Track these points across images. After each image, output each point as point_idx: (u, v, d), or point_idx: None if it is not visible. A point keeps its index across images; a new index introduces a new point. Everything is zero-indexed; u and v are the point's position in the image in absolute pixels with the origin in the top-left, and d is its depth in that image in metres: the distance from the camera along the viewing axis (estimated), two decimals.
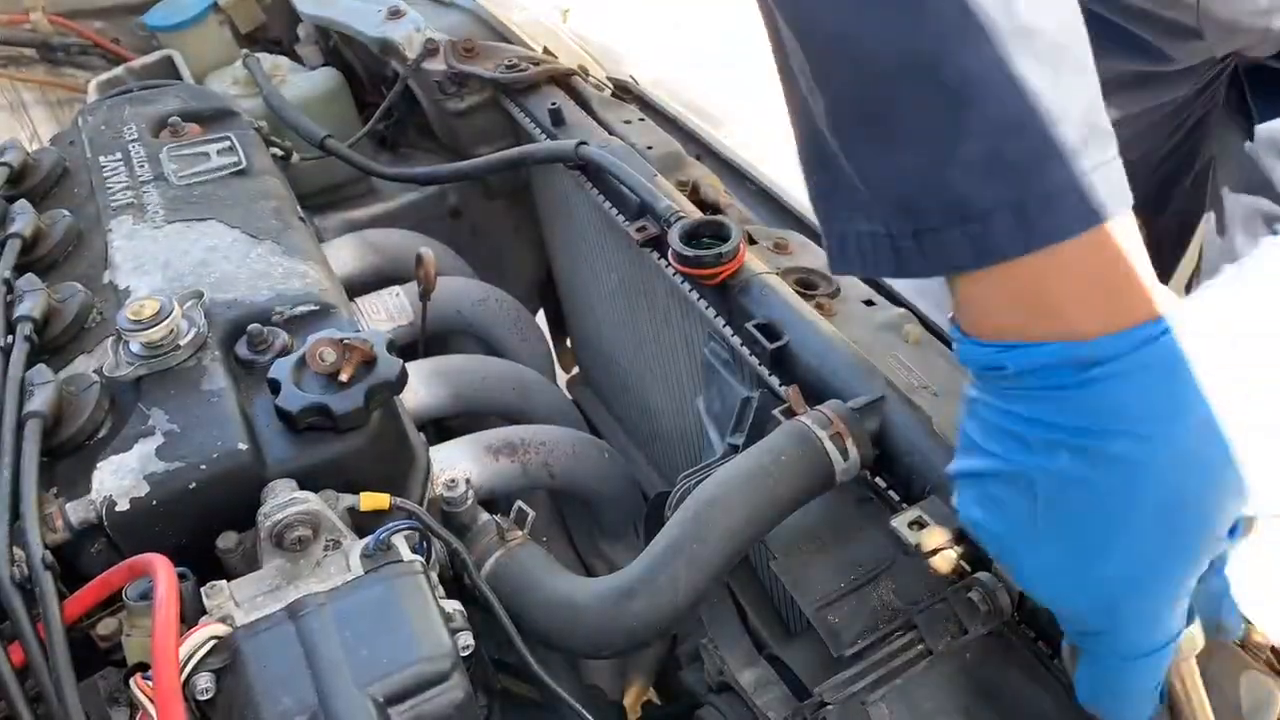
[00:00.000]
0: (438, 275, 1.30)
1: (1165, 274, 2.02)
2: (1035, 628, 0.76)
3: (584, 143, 1.26)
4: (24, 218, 1.10)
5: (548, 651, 0.90)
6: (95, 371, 0.94)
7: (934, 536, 0.79)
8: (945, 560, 0.80)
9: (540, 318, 1.88)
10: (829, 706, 0.77)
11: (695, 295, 1.11)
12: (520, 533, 0.93)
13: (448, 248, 1.56)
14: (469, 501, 0.95)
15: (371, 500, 0.86)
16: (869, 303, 1.06)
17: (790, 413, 0.91)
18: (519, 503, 0.95)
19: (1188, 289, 1.80)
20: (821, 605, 0.83)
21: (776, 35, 0.67)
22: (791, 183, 1.35)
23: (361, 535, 0.82)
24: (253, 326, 0.98)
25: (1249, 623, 0.77)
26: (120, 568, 0.77)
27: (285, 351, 0.96)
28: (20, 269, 1.06)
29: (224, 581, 0.78)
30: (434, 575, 0.83)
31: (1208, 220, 1.56)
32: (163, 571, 0.73)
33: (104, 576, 0.77)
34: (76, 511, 0.83)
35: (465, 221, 1.72)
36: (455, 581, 0.90)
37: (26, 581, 0.76)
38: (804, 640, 0.95)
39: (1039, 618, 0.76)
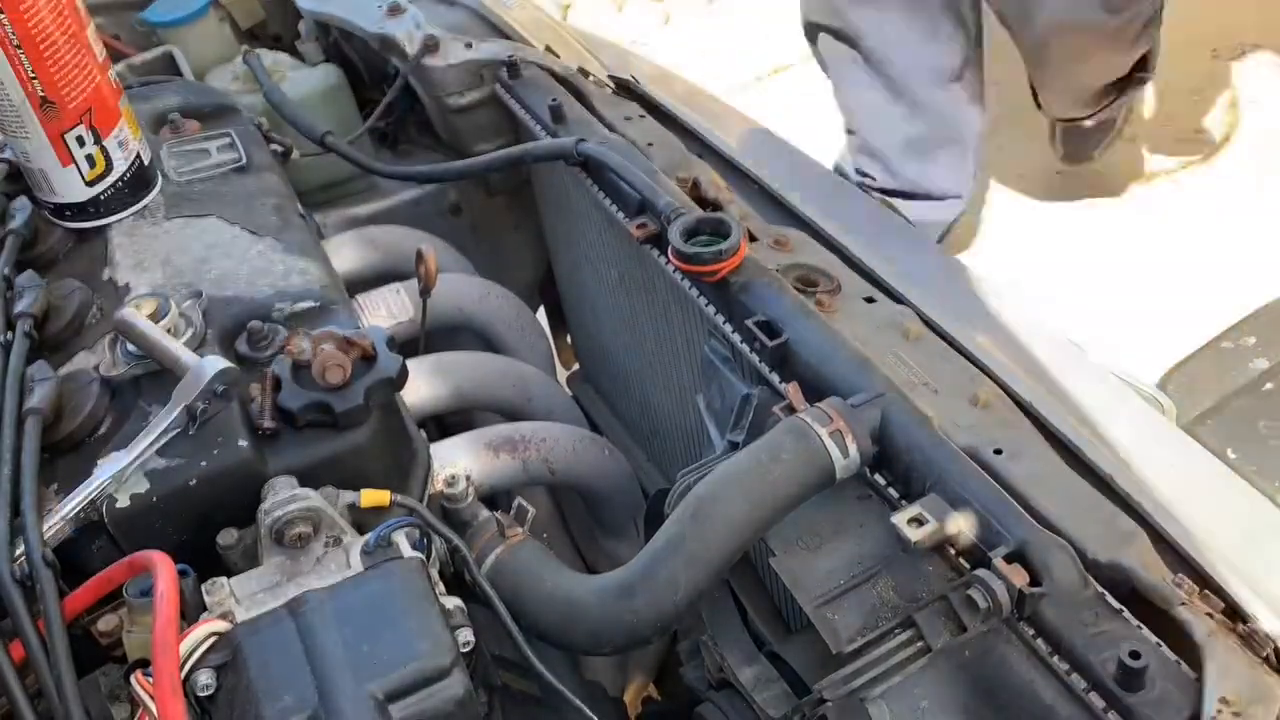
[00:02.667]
0: (438, 272, 1.30)
1: None
2: (1035, 625, 0.76)
3: (583, 140, 1.26)
4: (24, 214, 1.10)
5: (548, 648, 0.90)
6: (95, 368, 0.94)
7: (934, 533, 0.79)
8: (945, 558, 0.80)
9: (540, 314, 1.88)
10: (828, 703, 0.77)
11: (695, 292, 1.11)
12: (521, 530, 0.93)
13: (448, 244, 1.56)
14: (469, 498, 0.95)
15: (372, 497, 0.86)
16: (869, 300, 1.06)
17: (790, 410, 0.91)
18: (519, 499, 0.95)
19: None
20: (821, 602, 0.83)
21: None
22: (791, 180, 1.35)
23: (362, 532, 0.82)
24: (253, 323, 0.98)
25: (1250, 620, 0.77)
26: (120, 564, 0.77)
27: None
28: (20, 265, 1.06)
29: (224, 578, 0.78)
30: (434, 572, 0.83)
31: None
32: (163, 568, 0.73)
33: (104, 573, 0.77)
34: None
35: (466, 218, 1.72)
36: (456, 578, 0.90)
37: (27, 578, 0.76)
38: (803, 637, 0.96)
39: (1039, 615, 0.76)
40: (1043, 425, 0.96)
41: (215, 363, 0.86)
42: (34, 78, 1.00)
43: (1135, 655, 0.70)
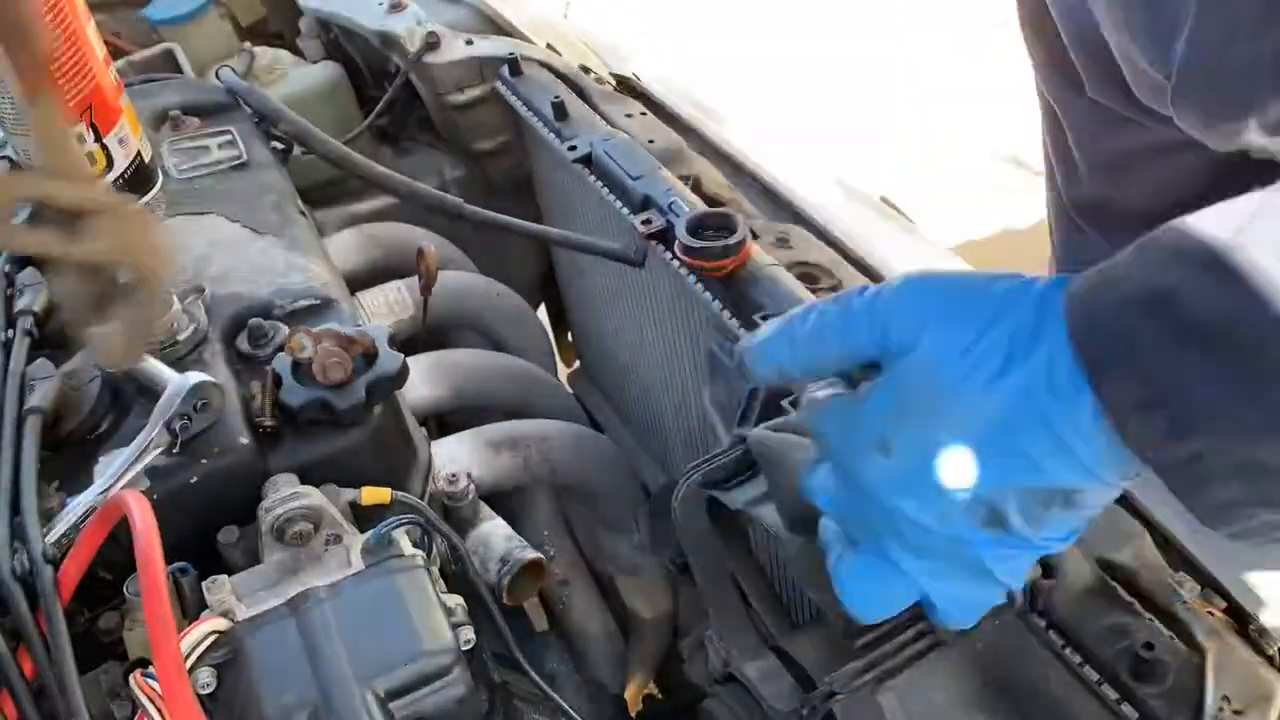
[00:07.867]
0: (439, 269, 1.30)
1: None
2: (1047, 618, 0.76)
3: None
4: (24, 212, 1.09)
5: (548, 645, 0.90)
6: (96, 366, 0.94)
7: None
8: None
9: (541, 312, 1.87)
10: (839, 697, 0.77)
11: (700, 288, 1.11)
12: None
13: (449, 241, 1.56)
14: (470, 496, 0.95)
15: (373, 495, 0.86)
16: None
17: (797, 404, 0.91)
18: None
19: None
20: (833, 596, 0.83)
21: None
22: (792, 179, 1.34)
23: (363, 530, 0.82)
24: (254, 321, 0.98)
25: (1254, 618, 0.77)
26: (95, 517, 0.76)
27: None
28: (21, 262, 1.05)
29: (225, 576, 0.77)
30: (435, 570, 0.83)
31: None
32: (135, 504, 0.73)
33: (84, 535, 0.76)
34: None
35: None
36: (457, 576, 0.90)
37: (28, 576, 0.76)
38: (808, 631, 0.95)
39: (1051, 608, 0.76)
40: None
41: (192, 378, 0.86)
42: None
43: (1149, 647, 0.70)
